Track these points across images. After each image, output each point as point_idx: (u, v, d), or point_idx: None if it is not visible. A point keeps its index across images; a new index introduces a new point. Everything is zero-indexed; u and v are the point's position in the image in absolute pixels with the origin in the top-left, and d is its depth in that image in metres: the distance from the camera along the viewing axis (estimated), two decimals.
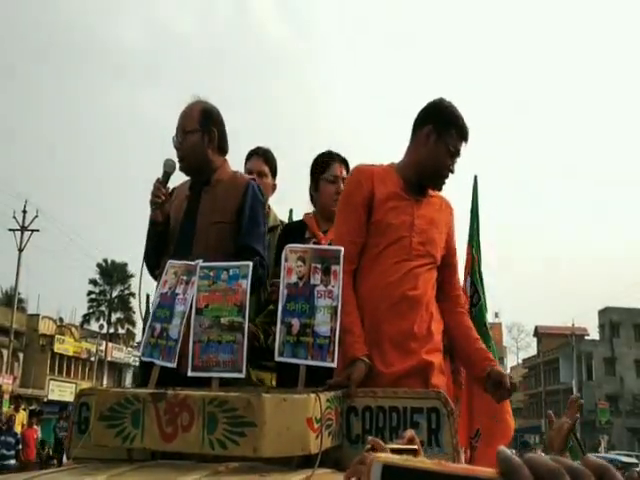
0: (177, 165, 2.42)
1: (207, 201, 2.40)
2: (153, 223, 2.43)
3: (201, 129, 2.42)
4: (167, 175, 2.40)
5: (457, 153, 2.17)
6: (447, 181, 2.21)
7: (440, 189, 2.22)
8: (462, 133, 2.17)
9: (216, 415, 1.53)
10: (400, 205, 2.11)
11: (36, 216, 25.78)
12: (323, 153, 2.83)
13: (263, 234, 2.41)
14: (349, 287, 2.02)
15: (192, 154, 2.41)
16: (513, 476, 0.43)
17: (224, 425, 1.52)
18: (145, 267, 2.47)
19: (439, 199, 2.23)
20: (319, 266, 1.88)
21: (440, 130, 2.14)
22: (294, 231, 2.74)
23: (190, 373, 1.87)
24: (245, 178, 2.48)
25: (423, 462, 0.46)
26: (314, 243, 2.52)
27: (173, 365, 1.91)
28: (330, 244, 2.26)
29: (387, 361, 2.00)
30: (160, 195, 2.36)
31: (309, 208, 2.88)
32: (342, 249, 1.90)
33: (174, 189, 2.54)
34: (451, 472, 0.44)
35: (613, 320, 42.79)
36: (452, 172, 2.18)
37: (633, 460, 22.41)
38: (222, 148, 2.50)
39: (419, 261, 2.09)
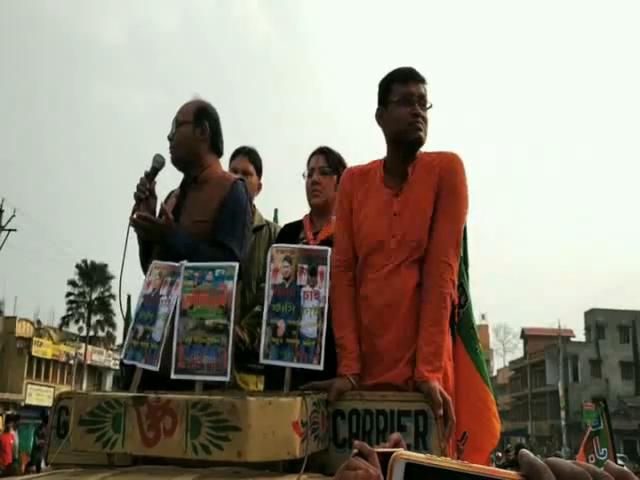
0: (166, 161, 2.37)
1: (192, 199, 2.36)
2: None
3: (194, 121, 2.39)
4: (155, 170, 2.35)
5: (410, 95, 2.02)
6: (423, 127, 2.03)
7: (419, 141, 2.05)
8: (401, 77, 2.04)
9: (200, 419, 1.50)
10: (378, 204, 2.04)
11: (13, 215, 25.23)
12: None
13: (241, 232, 2.30)
14: (345, 296, 1.99)
15: (182, 145, 2.38)
16: (537, 479, 0.43)
17: (208, 429, 1.48)
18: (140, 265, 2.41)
19: (430, 163, 2.04)
20: (305, 267, 1.85)
21: (383, 99, 2.08)
22: (290, 231, 2.68)
23: (173, 376, 1.83)
24: (233, 177, 2.44)
25: (446, 461, 0.46)
26: (304, 244, 2.48)
27: (156, 368, 1.87)
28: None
29: (373, 374, 1.97)
30: (144, 190, 2.31)
31: (295, 208, 2.85)
32: (329, 249, 1.87)
33: (172, 192, 2.51)
34: (474, 472, 0.45)
35: (599, 322, 43.10)
36: (417, 114, 2.01)
37: (619, 462, 22.59)
38: (216, 147, 2.46)
39: (399, 259, 2.00)
